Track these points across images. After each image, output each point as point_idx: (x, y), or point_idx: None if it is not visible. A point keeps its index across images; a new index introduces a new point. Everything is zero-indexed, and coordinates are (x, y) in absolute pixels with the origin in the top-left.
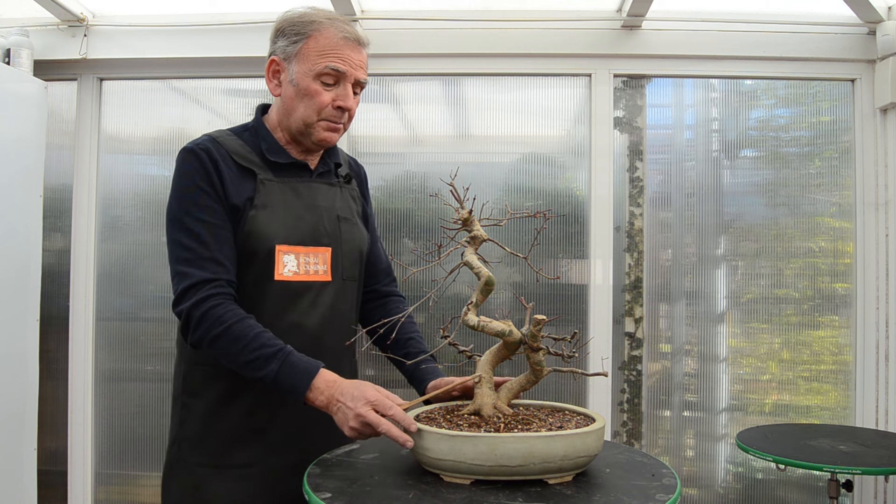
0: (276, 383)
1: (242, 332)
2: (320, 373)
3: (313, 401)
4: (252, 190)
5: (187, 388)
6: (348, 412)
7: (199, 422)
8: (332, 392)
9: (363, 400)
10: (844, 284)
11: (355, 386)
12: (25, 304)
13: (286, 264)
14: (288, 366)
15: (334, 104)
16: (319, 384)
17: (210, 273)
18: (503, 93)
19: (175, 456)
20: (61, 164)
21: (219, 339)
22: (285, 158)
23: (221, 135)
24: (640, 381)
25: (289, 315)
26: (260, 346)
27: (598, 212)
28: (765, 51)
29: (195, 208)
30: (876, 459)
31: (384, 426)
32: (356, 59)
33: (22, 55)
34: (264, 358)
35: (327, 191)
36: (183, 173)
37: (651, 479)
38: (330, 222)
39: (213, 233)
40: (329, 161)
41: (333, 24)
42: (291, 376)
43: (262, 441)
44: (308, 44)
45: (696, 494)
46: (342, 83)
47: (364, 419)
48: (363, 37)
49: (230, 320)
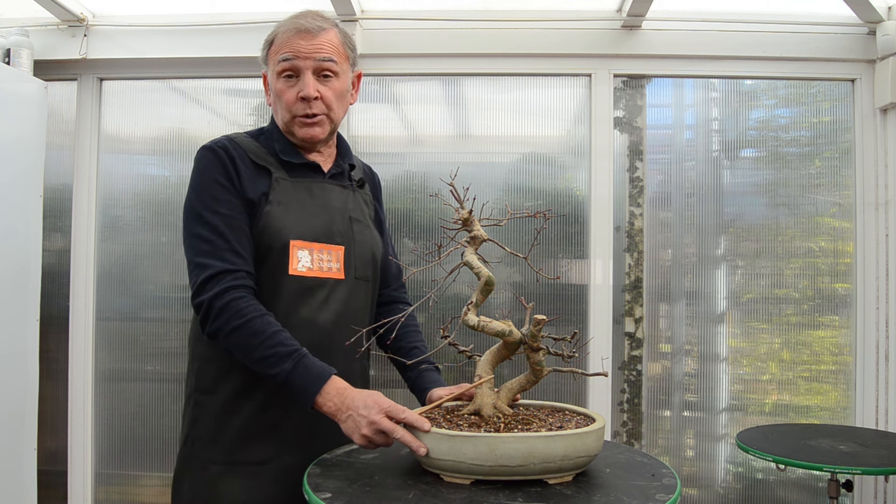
0: (287, 383)
1: (261, 327)
2: (332, 379)
3: (321, 406)
4: (267, 186)
5: (200, 385)
6: (360, 420)
7: (213, 419)
8: (343, 400)
9: (377, 408)
10: (844, 284)
11: (367, 395)
12: (25, 304)
13: (300, 259)
14: (301, 367)
15: (298, 97)
16: (330, 390)
17: (230, 264)
18: (503, 93)
19: (187, 454)
20: (61, 164)
21: (236, 332)
22: (298, 159)
23: (238, 136)
24: (640, 381)
25: (302, 310)
26: (276, 343)
27: (598, 212)
28: (765, 51)
29: (214, 202)
30: (876, 459)
31: (399, 432)
32: (307, 47)
33: (22, 55)
34: (279, 356)
35: (340, 192)
36: (201, 169)
37: (651, 479)
38: (343, 222)
39: (231, 225)
40: (342, 163)
41: (291, 21)
42: (303, 378)
43: (276, 438)
44: (272, 48)
45: (696, 494)
46: (301, 74)
47: (378, 426)
48: (314, 25)
49: (251, 314)
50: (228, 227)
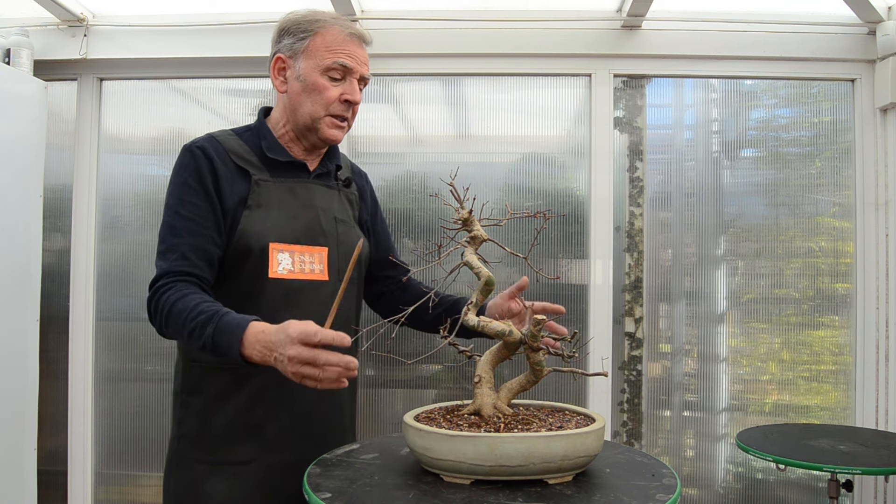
0: (215, 349)
1: (184, 305)
2: (250, 325)
3: (250, 358)
4: (246, 190)
5: (186, 385)
6: (283, 359)
7: (197, 419)
8: (263, 342)
9: (288, 340)
10: (844, 284)
11: (279, 329)
12: (25, 304)
13: (280, 262)
14: (221, 326)
15: (341, 98)
16: (249, 337)
17: (172, 266)
18: (503, 93)
19: (174, 453)
20: (61, 164)
21: (167, 322)
22: (284, 157)
23: (222, 134)
24: (640, 381)
25: (284, 314)
26: (197, 314)
27: (598, 212)
28: (765, 51)
29: (178, 203)
30: (876, 459)
31: (322, 357)
32: (361, 56)
33: (22, 55)
34: (201, 325)
35: (325, 192)
36: (176, 170)
37: (651, 479)
38: (327, 222)
39: (188, 228)
40: (329, 163)
41: (338, 21)
42: (224, 336)
43: (259, 438)
44: (315, 40)
45: (696, 494)
46: (348, 78)
47: (298, 358)
48: (367, 35)
49: (174, 298)
50: (185, 229)
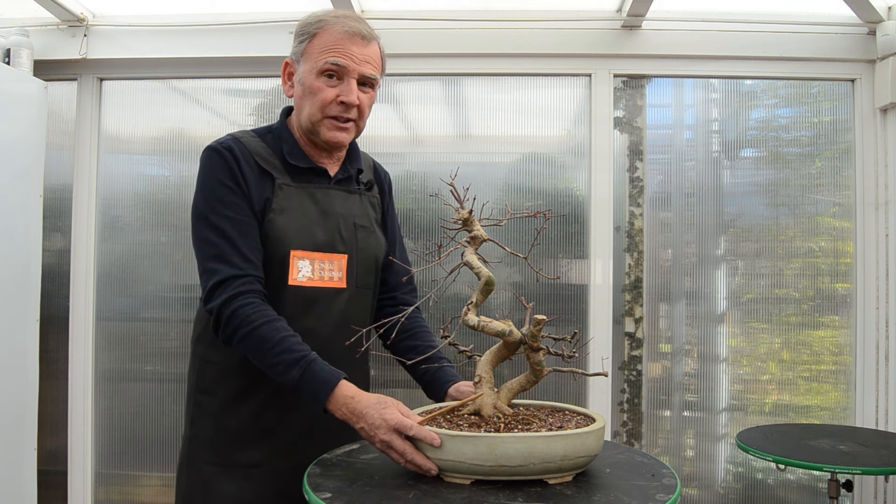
0: (298, 391)
1: (268, 334)
2: (339, 385)
3: (333, 413)
4: (270, 192)
5: (200, 385)
6: (372, 435)
7: (210, 420)
8: (352, 410)
9: (384, 427)
10: (844, 284)
11: (374, 408)
12: (25, 304)
13: (300, 269)
14: (308, 374)
15: (337, 100)
16: (338, 398)
17: (237, 269)
18: (503, 93)
19: (186, 453)
20: (61, 164)
21: (245, 340)
22: (305, 163)
23: (244, 135)
24: (640, 381)
25: (302, 320)
26: (283, 350)
27: (598, 212)
28: (765, 51)
29: (220, 205)
30: (876, 459)
31: (408, 455)
32: (359, 54)
33: (22, 55)
34: (286, 364)
35: (345, 198)
36: (207, 171)
37: (651, 479)
38: (347, 229)
39: (238, 229)
40: (350, 167)
41: (339, 20)
42: (311, 386)
43: (271, 442)
44: (313, 42)
45: (696, 494)
46: (345, 78)
47: (389, 444)
48: (367, 32)
49: (256, 321)
50: (235, 231)
